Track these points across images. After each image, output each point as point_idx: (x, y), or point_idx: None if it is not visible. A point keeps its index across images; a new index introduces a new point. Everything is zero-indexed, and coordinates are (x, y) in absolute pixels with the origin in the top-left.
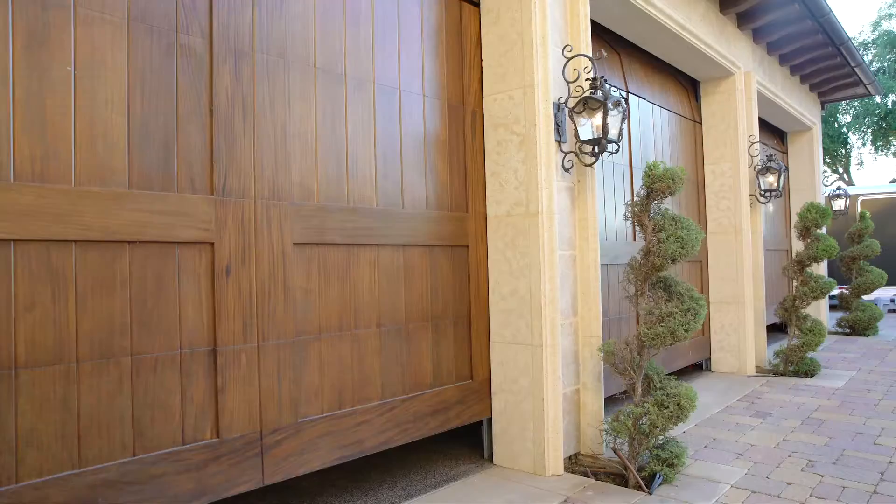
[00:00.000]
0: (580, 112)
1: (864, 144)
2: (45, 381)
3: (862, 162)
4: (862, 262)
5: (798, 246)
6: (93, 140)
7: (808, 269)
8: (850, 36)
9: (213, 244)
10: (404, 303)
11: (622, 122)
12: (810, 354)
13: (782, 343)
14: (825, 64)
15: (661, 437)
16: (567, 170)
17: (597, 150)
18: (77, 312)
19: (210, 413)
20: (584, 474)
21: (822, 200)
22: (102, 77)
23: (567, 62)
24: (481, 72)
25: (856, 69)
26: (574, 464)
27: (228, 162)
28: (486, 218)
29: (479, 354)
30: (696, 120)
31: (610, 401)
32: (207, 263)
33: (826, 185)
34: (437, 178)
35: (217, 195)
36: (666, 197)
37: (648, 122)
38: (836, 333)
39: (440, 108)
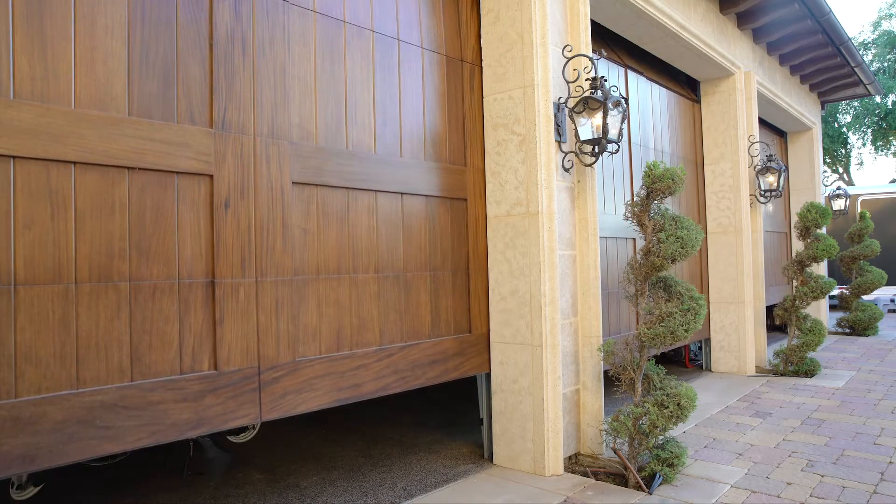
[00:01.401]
0: (580, 112)
1: (864, 144)
2: (44, 300)
3: (862, 162)
4: (862, 262)
5: (798, 245)
6: (92, 65)
7: (808, 269)
8: (850, 36)
9: (211, 176)
10: (403, 251)
11: (622, 121)
12: (810, 354)
13: (782, 343)
14: (825, 64)
15: (661, 437)
16: (567, 170)
17: (597, 150)
18: (76, 234)
19: (208, 345)
20: (584, 474)
21: (822, 200)
22: (101, 4)
23: (567, 62)
24: (478, 28)
25: (856, 69)
26: (574, 464)
27: (228, 97)
28: (484, 173)
29: (477, 308)
30: (694, 100)
31: (610, 400)
32: (206, 195)
33: (826, 185)
34: (436, 129)
35: (216, 129)
36: (666, 197)
37: (647, 103)
38: (836, 333)
39: (438, 62)
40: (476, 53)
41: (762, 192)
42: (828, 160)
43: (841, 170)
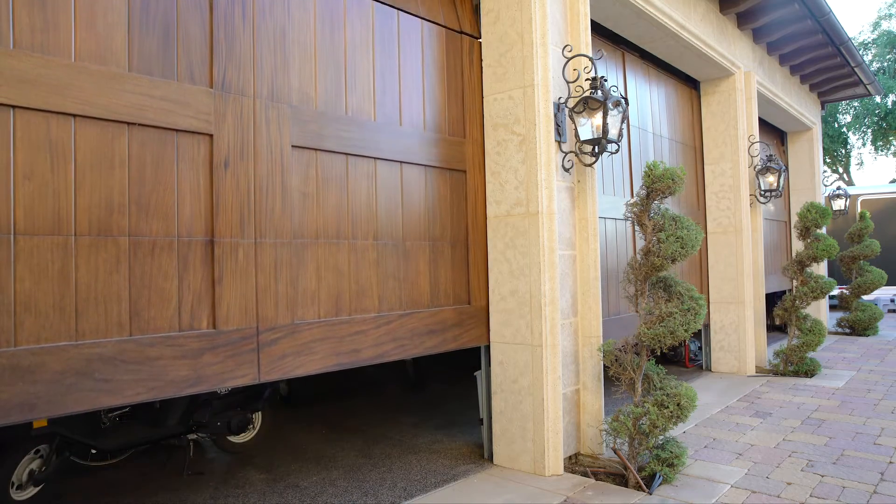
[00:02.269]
0: (580, 112)
1: (864, 144)
2: (43, 250)
3: (862, 162)
4: (862, 262)
5: (798, 245)
6: (92, 18)
7: (808, 269)
8: (850, 36)
9: (211, 136)
10: (401, 220)
11: (622, 121)
12: (810, 354)
13: (782, 343)
14: (825, 64)
15: (661, 437)
16: (567, 170)
17: (597, 150)
18: (76, 187)
19: (206, 303)
20: (584, 474)
21: (822, 200)
22: None
23: (567, 62)
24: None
25: (856, 69)
26: (574, 464)
27: (228, 58)
28: (483, 145)
29: (476, 281)
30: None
31: (610, 400)
32: (206, 155)
33: (826, 185)
34: (436, 100)
35: (216, 89)
36: (666, 197)
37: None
38: (836, 333)
39: (437, 33)
40: (474, 26)
41: (762, 192)
42: (828, 160)
43: (841, 170)
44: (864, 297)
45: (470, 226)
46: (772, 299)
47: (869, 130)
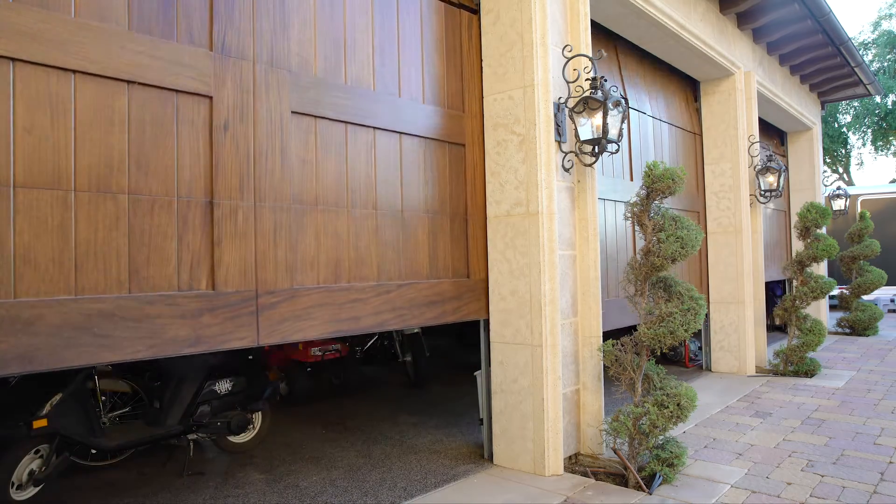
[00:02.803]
0: (580, 112)
1: (864, 144)
2: (42, 204)
3: (862, 162)
4: (862, 262)
5: (798, 245)
6: None
7: (808, 269)
8: (850, 36)
9: (211, 98)
10: (401, 191)
11: (622, 121)
12: (810, 354)
13: (782, 343)
14: (825, 64)
15: (661, 437)
16: (567, 170)
17: (597, 150)
18: (76, 143)
19: (206, 264)
20: (584, 474)
21: (822, 200)
22: None
23: (567, 62)
24: None
25: (856, 69)
26: (574, 464)
27: (227, 21)
28: (482, 119)
29: (475, 254)
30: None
31: (610, 400)
32: (206, 117)
33: (826, 185)
34: (434, 73)
35: (216, 52)
36: (666, 196)
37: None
38: (836, 333)
39: (436, 8)
40: (472, 1)
41: (762, 192)
42: (828, 160)
43: (841, 170)
44: (864, 297)
45: (469, 200)
46: (771, 287)
47: (869, 130)
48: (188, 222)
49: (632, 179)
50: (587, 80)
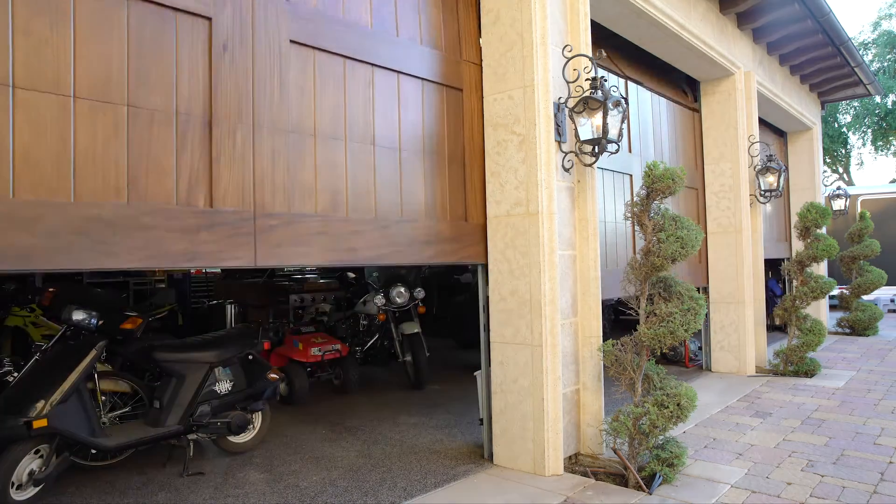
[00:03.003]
0: (580, 112)
1: (864, 144)
2: (42, 107)
3: (862, 162)
4: (862, 262)
5: (798, 245)
6: None
7: (808, 269)
8: (850, 36)
9: (210, 19)
10: (399, 130)
11: (622, 121)
12: (810, 354)
13: (782, 343)
14: (825, 64)
15: (661, 437)
16: (567, 170)
17: (597, 150)
18: (75, 49)
19: (204, 182)
20: (584, 474)
21: (822, 200)
22: None
23: (567, 62)
24: None
25: (856, 69)
26: (574, 464)
27: None
28: (480, 67)
29: (473, 199)
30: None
31: (610, 400)
32: (205, 37)
33: (826, 185)
34: (431, 16)
35: None
36: (666, 197)
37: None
38: (836, 333)
39: None
40: None
41: (762, 192)
42: (828, 160)
43: (841, 170)
44: (864, 297)
45: (467, 145)
46: (771, 287)
47: (869, 130)
48: (187, 139)
49: (630, 151)
50: (587, 79)
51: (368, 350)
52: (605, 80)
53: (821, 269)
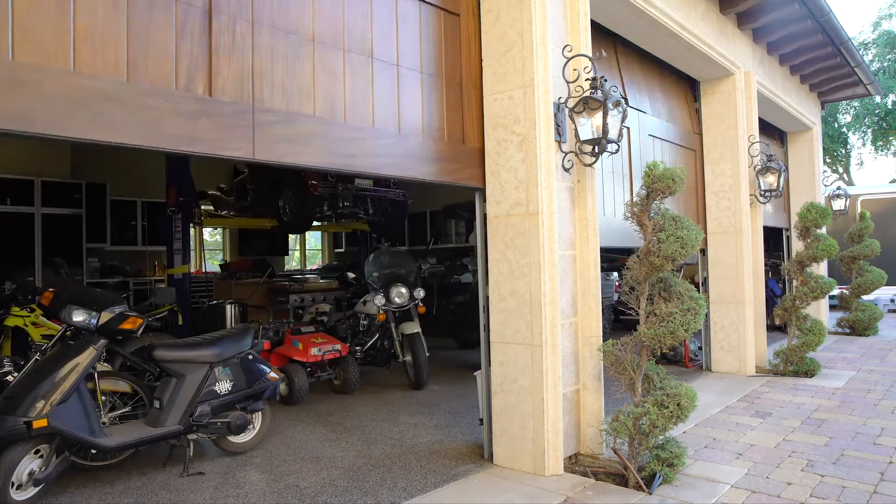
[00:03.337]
0: (580, 112)
1: (864, 144)
2: None
3: (862, 162)
4: (862, 262)
5: (798, 245)
6: None
7: (808, 269)
8: (850, 36)
9: None
10: (396, 46)
11: (622, 121)
12: (810, 354)
13: (782, 343)
14: (825, 64)
15: (661, 437)
16: (567, 170)
17: (597, 150)
18: None
19: (203, 70)
20: (584, 474)
21: (822, 200)
22: None
23: (567, 62)
24: None
25: (856, 69)
26: (574, 464)
27: None
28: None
29: (470, 123)
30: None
31: (610, 400)
32: None
33: (826, 185)
34: None
35: None
36: (666, 197)
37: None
38: (836, 333)
39: None
40: None
41: (762, 192)
42: (828, 160)
43: (841, 170)
44: (864, 297)
45: (464, 68)
46: (771, 287)
47: (869, 130)
48: (187, 28)
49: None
50: (587, 80)
51: (368, 350)
52: (605, 80)
53: (821, 269)
